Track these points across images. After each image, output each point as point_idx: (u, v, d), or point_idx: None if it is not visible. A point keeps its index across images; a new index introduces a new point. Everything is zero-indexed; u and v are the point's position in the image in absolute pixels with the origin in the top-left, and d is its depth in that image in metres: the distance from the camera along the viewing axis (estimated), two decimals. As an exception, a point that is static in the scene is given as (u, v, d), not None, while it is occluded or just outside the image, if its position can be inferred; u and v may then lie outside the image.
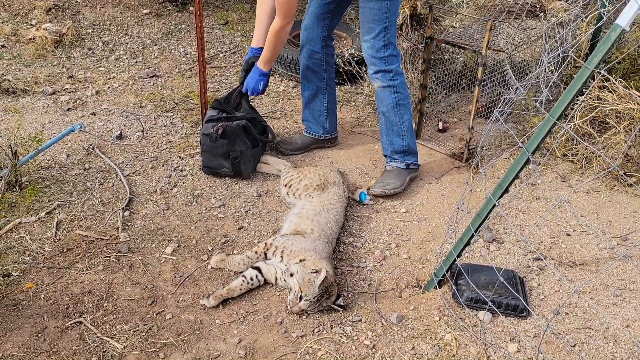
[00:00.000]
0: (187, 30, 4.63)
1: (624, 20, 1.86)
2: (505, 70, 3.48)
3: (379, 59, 2.81)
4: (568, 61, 3.19)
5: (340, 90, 3.85)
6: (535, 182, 3.07)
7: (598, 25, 3.14)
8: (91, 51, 4.21)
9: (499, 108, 2.40)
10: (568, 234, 2.72)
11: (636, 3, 1.81)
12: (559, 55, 2.90)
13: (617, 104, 2.96)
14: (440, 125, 3.52)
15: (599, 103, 3.02)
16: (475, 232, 2.14)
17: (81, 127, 3.17)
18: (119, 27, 4.53)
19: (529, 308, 2.24)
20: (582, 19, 3.44)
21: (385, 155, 3.03)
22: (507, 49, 3.18)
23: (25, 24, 4.33)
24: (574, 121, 3.05)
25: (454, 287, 2.29)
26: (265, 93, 3.85)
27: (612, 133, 3.01)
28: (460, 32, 3.41)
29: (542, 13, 3.28)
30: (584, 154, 3.14)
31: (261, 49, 2.90)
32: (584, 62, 1.91)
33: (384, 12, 2.72)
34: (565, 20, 3.04)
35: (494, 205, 2.05)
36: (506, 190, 2.06)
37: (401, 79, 2.87)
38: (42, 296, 2.22)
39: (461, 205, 2.53)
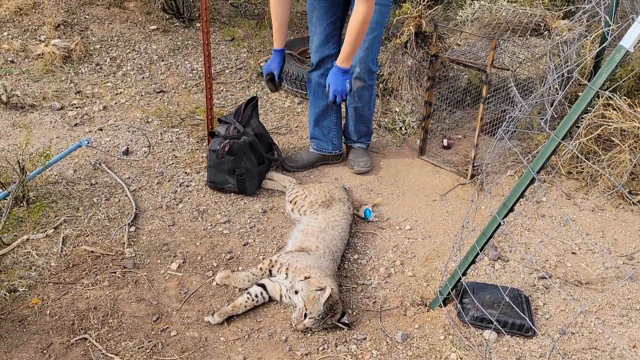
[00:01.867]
0: (194, 46, 4.68)
1: (628, 42, 1.87)
2: (509, 88, 3.50)
3: (371, 60, 3.02)
4: (573, 80, 3.20)
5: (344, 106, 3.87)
6: (540, 200, 3.07)
7: (602, 45, 3.15)
8: (99, 67, 4.25)
9: (504, 126, 2.41)
10: (573, 253, 2.71)
11: (640, 25, 1.83)
12: (563, 74, 2.92)
13: (622, 122, 2.97)
14: (445, 142, 3.53)
15: (604, 121, 3.03)
16: (481, 250, 2.14)
17: (88, 142, 3.20)
18: (126, 43, 4.58)
19: (535, 328, 2.23)
20: (586, 38, 3.46)
21: (349, 139, 3.32)
22: (512, 66, 3.20)
23: (34, 40, 4.39)
24: (579, 139, 3.06)
25: (459, 305, 2.28)
26: (271, 109, 3.89)
27: (617, 151, 3.01)
28: (465, 49, 3.44)
29: (547, 32, 3.30)
30: (589, 172, 3.15)
31: (283, 50, 2.92)
32: (589, 81, 1.93)
33: (385, 15, 2.91)
34: (569, 39, 3.06)
35: (499, 224, 2.05)
36: (511, 209, 2.07)
37: (375, 78, 3.16)
38: (48, 312, 2.23)
39: (466, 223, 2.53)
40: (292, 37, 4.74)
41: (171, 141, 3.43)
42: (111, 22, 4.79)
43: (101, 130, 3.50)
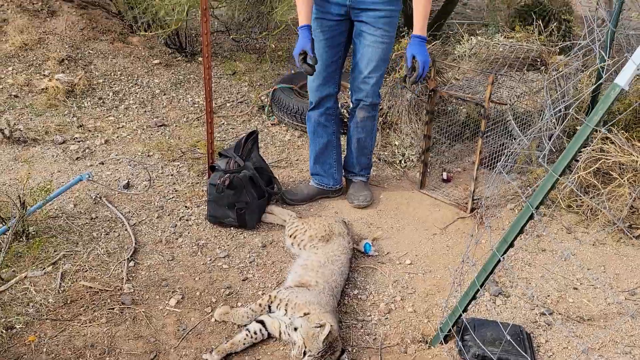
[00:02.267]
0: (196, 80, 4.74)
1: (622, 79, 1.90)
2: (508, 121, 3.53)
3: (377, 94, 3.08)
4: (570, 115, 3.24)
5: (344, 139, 3.89)
6: (540, 234, 3.06)
7: (599, 82, 3.18)
8: (101, 101, 4.30)
9: (502, 161, 2.43)
10: (575, 288, 2.69)
11: (634, 63, 1.86)
12: (560, 110, 2.95)
13: (620, 155, 2.98)
14: (445, 175, 3.54)
15: (602, 155, 3.04)
16: (481, 286, 2.13)
17: (89, 176, 3.21)
18: (129, 77, 4.64)
19: (537, 365, 2.20)
20: (583, 71, 3.50)
21: (350, 172, 3.33)
22: (510, 100, 3.23)
23: (38, 74, 4.45)
24: (578, 172, 3.07)
25: (460, 343, 2.25)
26: (271, 142, 3.92)
27: (616, 185, 3.02)
28: (463, 84, 3.48)
29: (543, 67, 3.35)
30: (589, 206, 3.14)
31: (310, 26, 2.80)
32: (586, 114, 1.95)
33: (389, 52, 2.97)
34: (566, 74, 3.10)
35: (499, 260, 2.05)
36: (511, 245, 2.06)
37: (378, 109, 3.22)
38: (45, 350, 2.20)
39: (466, 258, 2.52)
40: (292, 71, 4.80)
41: (172, 175, 3.45)
42: (115, 56, 4.86)
43: (102, 164, 3.52)
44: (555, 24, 3.80)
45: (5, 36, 4.75)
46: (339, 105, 3.28)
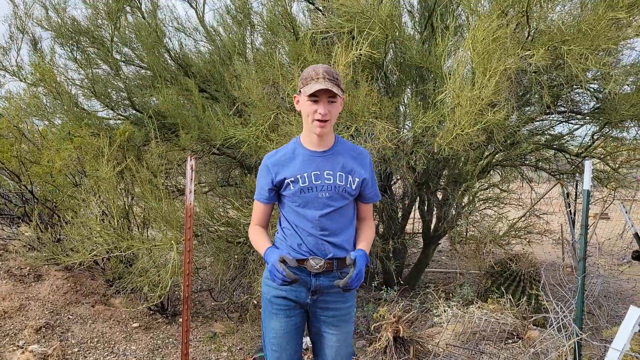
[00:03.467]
0: (174, 345, 4.65)
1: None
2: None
3: None
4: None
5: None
6: None
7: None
8: (73, 374, 4.14)
9: None
10: None
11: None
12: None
13: None
14: None
15: None
16: None
17: None
18: (105, 345, 4.55)
19: None
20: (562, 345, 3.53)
21: None
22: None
23: (12, 346, 4.34)
24: None
25: None
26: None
27: None
28: (447, 352, 3.46)
29: (520, 340, 3.39)
30: None
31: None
32: None
33: (351, 343, 2.87)
34: (542, 350, 3.13)
35: None
36: None
37: None
38: None
39: None
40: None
41: None
42: (94, 321, 4.83)
43: None
44: (525, 298, 3.97)
45: (-14, 304, 4.76)
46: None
